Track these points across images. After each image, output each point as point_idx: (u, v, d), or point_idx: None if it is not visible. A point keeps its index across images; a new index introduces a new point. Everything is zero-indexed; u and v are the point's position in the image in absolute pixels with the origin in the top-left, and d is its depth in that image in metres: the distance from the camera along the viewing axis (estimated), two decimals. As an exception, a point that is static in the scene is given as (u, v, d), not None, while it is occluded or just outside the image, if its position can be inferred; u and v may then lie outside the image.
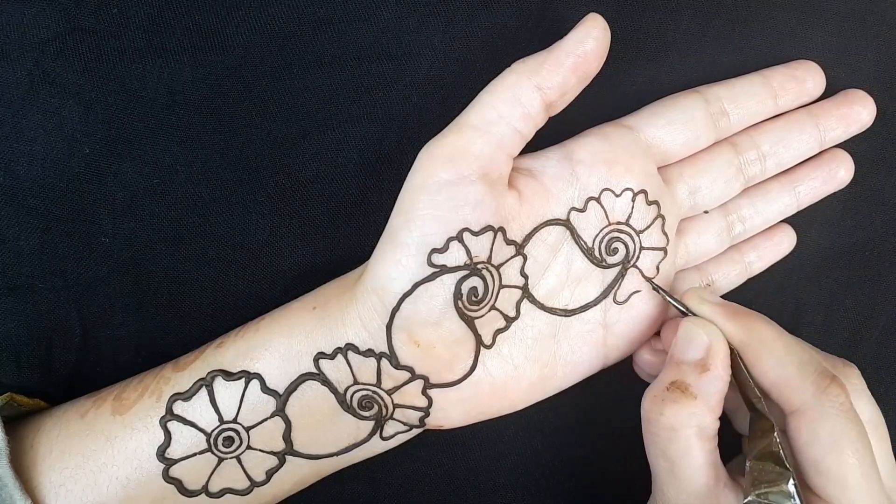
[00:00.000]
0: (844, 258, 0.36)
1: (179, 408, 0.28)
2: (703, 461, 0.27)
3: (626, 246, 0.30)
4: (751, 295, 0.36)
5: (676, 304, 0.30)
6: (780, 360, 0.28)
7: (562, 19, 0.31)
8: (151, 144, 0.31)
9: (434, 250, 0.27)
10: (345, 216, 0.31)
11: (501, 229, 0.28)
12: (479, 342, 0.29)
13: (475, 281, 0.28)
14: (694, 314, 0.30)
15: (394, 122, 0.31)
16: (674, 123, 0.31)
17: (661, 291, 0.31)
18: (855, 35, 0.34)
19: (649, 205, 0.30)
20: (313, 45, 0.31)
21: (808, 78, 0.33)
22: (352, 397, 0.29)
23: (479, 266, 0.28)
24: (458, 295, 0.28)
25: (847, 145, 0.34)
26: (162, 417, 0.28)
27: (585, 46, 0.28)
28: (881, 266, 0.37)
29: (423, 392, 0.29)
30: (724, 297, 0.34)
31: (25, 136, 0.30)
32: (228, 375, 0.28)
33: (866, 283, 0.37)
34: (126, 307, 0.32)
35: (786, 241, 0.35)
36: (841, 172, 0.34)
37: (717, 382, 0.28)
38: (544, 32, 0.31)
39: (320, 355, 0.28)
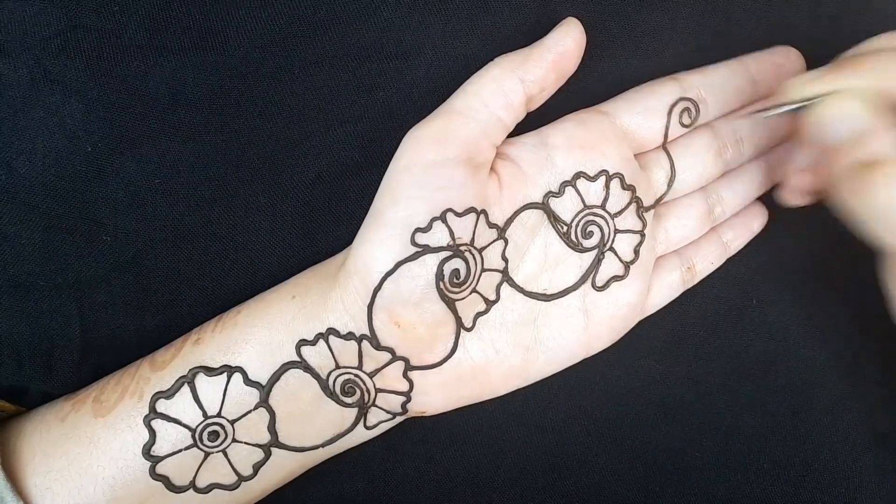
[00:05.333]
0: (841, 251, 0.36)
1: (163, 406, 0.28)
2: None
3: (601, 229, 0.31)
4: (748, 289, 0.36)
5: (795, 106, 0.28)
6: None
7: (560, 18, 0.31)
8: (153, 143, 0.31)
9: (418, 230, 0.28)
10: (347, 216, 0.31)
11: (484, 212, 0.29)
12: (460, 324, 0.29)
13: (457, 263, 0.28)
14: (811, 99, 0.27)
15: (395, 121, 0.31)
16: (650, 109, 0.31)
17: (768, 110, 0.29)
18: (851, 33, 0.34)
19: (625, 189, 0.31)
20: (314, 45, 0.31)
21: (787, 63, 0.33)
22: (334, 382, 0.29)
23: (462, 248, 0.28)
24: (440, 276, 0.28)
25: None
26: (146, 416, 0.28)
27: (565, 44, 0.30)
28: (876, 259, 0.37)
29: (405, 375, 0.29)
30: (717, 289, 0.34)
31: (27, 133, 0.29)
32: (210, 371, 0.28)
33: (862, 276, 0.37)
34: (127, 306, 0.32)
35: (759, 219, 0.35)
36: None
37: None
38: (542, 31, 0.31)
39: (302, 342, 0.28)
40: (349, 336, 0.28)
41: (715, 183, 0.34)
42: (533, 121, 0.32)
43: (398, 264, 0.28)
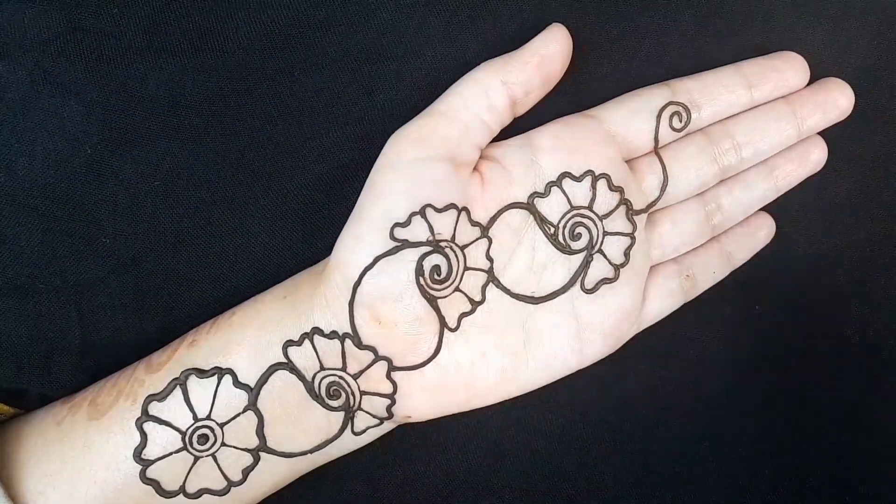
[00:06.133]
0: (845, 256, 0.36)
1: (155, 408, 0.28)
2: None
3: (590, 231, 0.30)
4: (752, 294, 0.36)
5: None
6: None
7: (561, 20, 0.31)
8: (152, 145, 0.31)
9: (396, 224, 0.28)
10: (347, 218, 0.31)
11: (465, 209, 0.29)
12: (443, 324, 0.29)
13: (438, 259, 0.28)
14: None
15: (395, 123, 0.31)
16: (638, 113, 0.31)
17: None
18: (856, 34, 0.34)
19: (612, 190, 0.30)
20: (314, 47, 0.31)
21: (787, 68, 0.32)
22: (319, 384, 0.29)
23: (442, 244, 0.28)
24: (419, 272, 0.28)
25: (848, 144, 0.35)
26: (138, 419, 0.28)
27: (548, 49, 0.30)
28: (881, 263, 0.37)
29: (388, 376, 0.29)
30: (719, 294, 0.33)
31: (26, 135, 0.30)
32: (202, 373, 0.28)
33: (866, 280, 0.37)
34: (126, 308, 0.32)
35: (764, 229, 0.34)
36: (814, 155, 0.34)
37: None
38: (543, 33, 0.31)
39: (288, 343, 0.28)
40: (332, 335, 0.28)
41: (713, 190, 0.33)
42: (530, 124, 0.32)
43: (376, 259, 0.28)
